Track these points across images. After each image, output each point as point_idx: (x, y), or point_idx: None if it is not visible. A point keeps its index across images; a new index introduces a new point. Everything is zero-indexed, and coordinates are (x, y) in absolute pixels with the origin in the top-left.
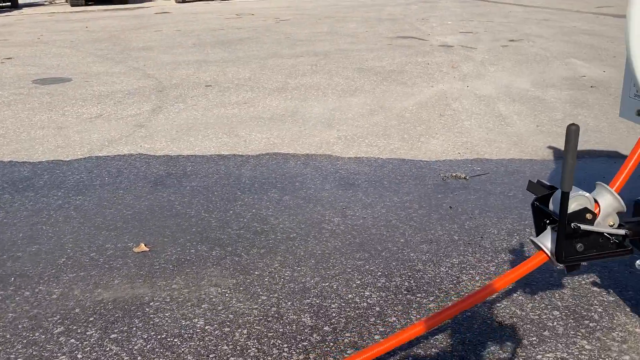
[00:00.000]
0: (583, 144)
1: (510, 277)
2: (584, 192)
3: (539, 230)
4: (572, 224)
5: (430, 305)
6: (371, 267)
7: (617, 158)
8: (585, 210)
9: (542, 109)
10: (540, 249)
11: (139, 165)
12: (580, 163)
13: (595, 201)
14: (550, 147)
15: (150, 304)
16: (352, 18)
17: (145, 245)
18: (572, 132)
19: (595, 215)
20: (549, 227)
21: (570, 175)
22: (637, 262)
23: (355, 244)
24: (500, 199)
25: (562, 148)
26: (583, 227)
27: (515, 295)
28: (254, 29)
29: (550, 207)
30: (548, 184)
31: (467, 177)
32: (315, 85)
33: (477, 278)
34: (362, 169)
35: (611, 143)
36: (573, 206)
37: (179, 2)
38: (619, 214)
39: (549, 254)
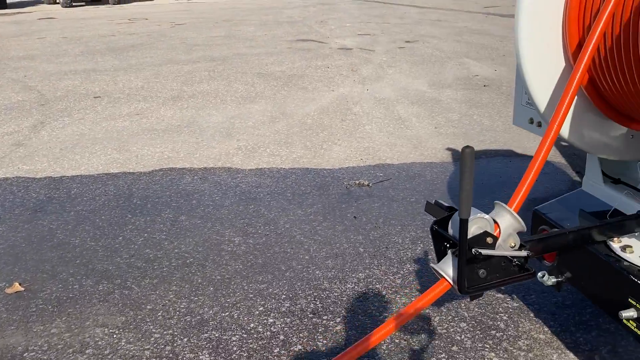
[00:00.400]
0: (479, 144)
1: (411, 311)
2: (483, 214)
3: (440, 255)
4: (472, 250)
5: (337, 328)
6: (275, 290)
7: (512, 157)
8: (486, 234)
9: (439, 110)
10: (441, 276)
11: (15, 190)
12: (477, 163)
13: (495, 222)
14: (448, 149)
15: (24, 355)
16: (250, 21)
17: (19, 284)
18: (467, 155)
19: (495, 238)
20: (449, 252)
21: (468, 201)
22: (539, 274)
23: (258, 265)
24: (403, 205)
25: (460, 149)
26: (484, 252)
27: None
28: (148, 35)
29: (450, 231)
30: (446, 204)
31: (370, 184)
32: (213, 92)
33: (383, 293)
34: (264, 181)
35: (506, 142)
36: (473, 229)
37: (66, 7)
38: (519, 233)
39: (451, 282)
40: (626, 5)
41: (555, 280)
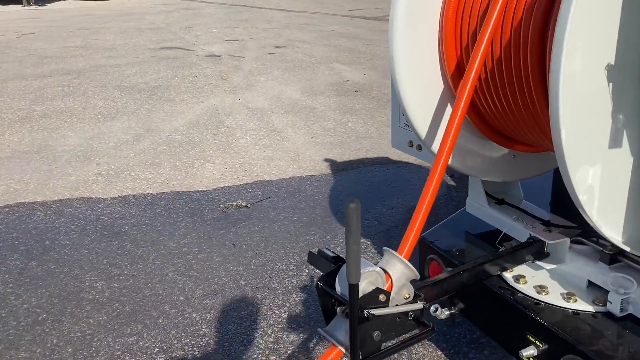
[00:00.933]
0: (356, 153)
1: None
2: (373, 267)
3: (328, 315)
4: (364, 311)
5: None
6: (146, 343)
7: (388, 164)
8: (378, 290)
9: (315, 118)
10: (332, 343)
11: None
12: (357, 173)
13: (385, 272)
14: (326, 160)
15: None
16: (109, 29)
17: None
18: (353, 211)
19: (388, 294)
20: (338, 311)
21: (356, 264)
22: (432, 308)
23: (125, 314)
24: (284, 225)
25: (338, 159)
26: (377, 312)
27: (308, 346)
28: None
29: (338, 289)
30: (332, 254)
31: (249, 205)
32: (69, 110)
33: (269, 332)
34: (129, 211)
35: (381, 149)
36: (363, 285)
37: None
38: (412, 281)
39: (343, 350)
40: (505, 26)
41: (448, 312)
